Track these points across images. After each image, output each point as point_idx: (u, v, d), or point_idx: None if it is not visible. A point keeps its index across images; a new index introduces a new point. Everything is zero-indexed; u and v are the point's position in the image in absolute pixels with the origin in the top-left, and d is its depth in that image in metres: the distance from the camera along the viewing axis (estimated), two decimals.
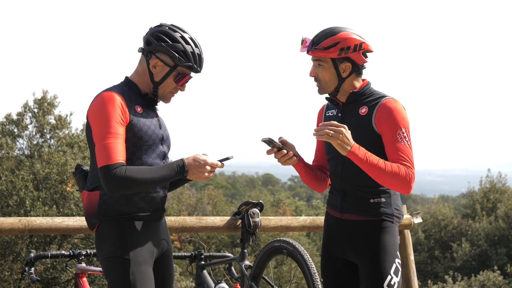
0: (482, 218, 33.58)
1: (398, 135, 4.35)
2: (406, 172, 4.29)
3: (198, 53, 4.24)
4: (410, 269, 6.99)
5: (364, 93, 4.56)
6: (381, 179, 4.29)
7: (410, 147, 4.38)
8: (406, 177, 4.29)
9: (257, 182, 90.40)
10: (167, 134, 4.35)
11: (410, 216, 6.94)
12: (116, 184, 3.92)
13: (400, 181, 4.29)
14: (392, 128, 4.37)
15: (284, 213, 40.78)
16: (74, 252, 5.91)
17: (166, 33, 4.19)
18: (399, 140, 4.35)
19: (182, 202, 38.26)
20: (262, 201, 6.19)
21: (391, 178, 4.28)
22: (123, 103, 4.05)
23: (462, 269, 30.56)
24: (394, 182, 4.29)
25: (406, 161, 4.32)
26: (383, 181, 4.31)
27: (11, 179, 20.80)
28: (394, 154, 4.34)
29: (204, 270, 6.18)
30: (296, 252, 5.29)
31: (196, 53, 4.22)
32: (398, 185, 4.31)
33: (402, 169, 4.29)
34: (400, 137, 4.35)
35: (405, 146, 4.35)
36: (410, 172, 4.30)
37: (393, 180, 4.28)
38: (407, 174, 4.29)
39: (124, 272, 4.03)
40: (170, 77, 4.21)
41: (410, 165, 4.33)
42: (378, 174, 4.27)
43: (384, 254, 4.45)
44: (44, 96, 22.76)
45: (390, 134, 4.37)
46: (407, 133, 4.38)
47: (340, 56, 4.46)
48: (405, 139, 4.36)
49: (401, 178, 4.28)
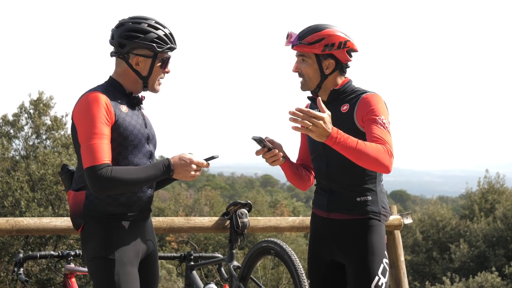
0: (480, 219, 33.58)
1: (378, 122, 4.32)
2: (385, 149, 4.21)
3: (169, 32, 4.26)
4: (400, 269, 6.95)
5: (345, 91, 4.54)
6: (360, 158, 4.19)
7: (389, 132, 4.33)
8: (385, 153, 4.20)
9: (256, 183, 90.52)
10: (153, 133, 4.33)
11: (400, 217, 6.90)
12: (102, 185, 3.92)
13: (379, 158, 4.19)
14: (371, 117, 4.34)
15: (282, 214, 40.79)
16: (63, 252, 5.91)
17: (134, 29, 4.17)
18: (378, 126, 4.31)
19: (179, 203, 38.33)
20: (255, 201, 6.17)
21: (372, 157, 4.17)
22: (108, 103, 4.04)
23: (460, 270, 30.57)
24: (375, 161, 4.19)
25: (385, 142, 4.25)
26: (364, 161, 4.21)
27: (6, 180, 20.82)
28: (373, 138, 4.27)
29: (193, 270, 6.17)
30: (284, 253, 5.27)
31: (167, 33, 4.24)
32: (377, 162, 4.20)
33: (380, 146, 4.21)
34: (380, 123, 4.32)
35: (384, 131, 4.30)
36: (388, 149, 4.23)
37: (374, 159, 4.18)
38: (386, 150, 4.21)
39: (109, 272, 4.02)
40: (156, 66, 4.22)
41: (389, 146, 4.25)
42: (359, 155, 4.17)
43: (371, 255, 4.43)
44: (40, 97, 22.81)
45: (369, 122, 4.34)
46: (386, 120, 4.36)
47: (324, 52, 4.45)
48: (384, 125, 4.32)
49: (380, 155, 4.18)
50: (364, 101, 4.42)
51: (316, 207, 4.70)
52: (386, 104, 4.48)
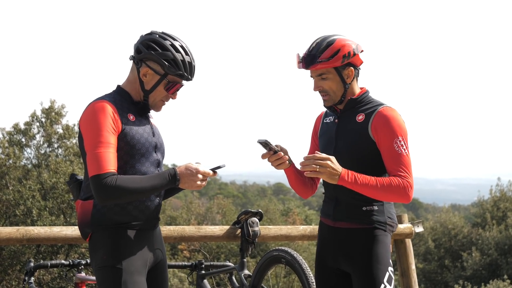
0: (492, 227, 33.44)
1: (395, 144, 4.35)
2: (400, 183, 4.29)
3: (189, 61, 4.21)
4: (411, 278, 6.94)
5: (362, 101, 4.55)
6: (376, 196, 4.32)
7: (407, 155, 4.38)
8: (401, 188, 4.29)
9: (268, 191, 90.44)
10: (161, 142, 4.32)
11: (411, 225, 6.90)
12: (106, 193, 3.91)
13: (396, 194, 4.30)
14: (389, 137, 4.37)
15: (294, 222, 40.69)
16: (74, 261, 5.91)
17: (156, 41, 4.16)
18: (396, 149, 4.35)
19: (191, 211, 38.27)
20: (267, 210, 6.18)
21: (386, 193, 4.29)
22: (114, 112, 4.04)
23: (472, 278, 30.45)
24: (389, 195, 4.32)
25: (402, 171, 4.33)
26: (379, 197, 4.34)
27: (18, 188, 20.86)
28: (391, 163, 4.35)
29: (204, 279, 6.17)
30: (294, 262, 5.29)
31: (186, 61, 4.19)
32: (395, 197, 4.33)
33: (395, 180, 4.29)
34: (397, 145, 4.35)
35: (402, 154, 4.35)
36: (405, 181, 4.30)
37: (388, 194, 4.30)
38: (402, 184, 4.29)
39: (116, 281, 4.00)
40: (161, 85, 4.18)
41: (407, 173, 4.33)
42: (372, 192, 4.29)
43: (376, 263, 4.43)
44: (51, 106, 22.89)
45: (387, 142, 4.37)
46: (404, 141, 4.38)
47: (343, 63, 4.45)
48: (402, 148, 4.36)
49: (396, 190, 4.28)
50: (381, 115, 4.42)
51: (323, 216, 4.71)
52: (403, 120, 4.49)
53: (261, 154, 4.41)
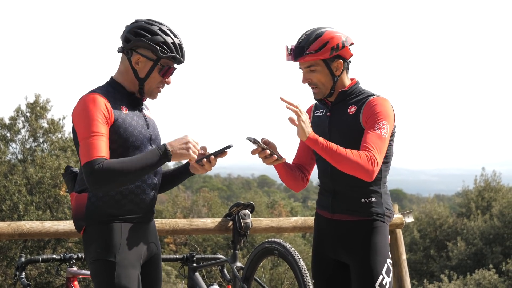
0: (477, 217, 33.64)
1: (377, 125, 4.33)
2: (368, 156, 4.22)
3: (179, 43, 4.20)
4: (402, 268, 6.95)
5: (353, 92, 4.55)
6: (342, 163, 4.23)
7: (384, 138, 4.32)
8: (367, 161, 4.21)
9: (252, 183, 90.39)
10: (156, 134, 4.28)
11: (401, 216, 6.91)
12: (96, 178, 3.85)
13: (361, 165, 4.21)
14: (372, 122, 4.35)
15: (279, 214, 40.76)
16: (65, 256, 5.89)
17: (144, 28, 4.15)
18: (375, 129, 4.32)
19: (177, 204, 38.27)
20: (253, 202, 6.18)
21: (352, 162, 4.20)
22: (106, 104, 4.01)
23: (457, 268, 30.59)
24: (355, 166, 4.21)
25: (372, 147, 4.26)
26: (343, 166, 4.24)
27: (4, 183, 20.79)
28: (365, 139, 4.30)
29: (196, 272, 6.16)
30: (287, 253, 5.28)
31: (176, 43, 4.18)
32: (358, 168, 4.23)
33: (363, 154, 4.23)
34: (379, 127, 4.33)
35: (379, 135, 4.31)
36: (371, 155, 4.23)
37: (354, 164, 4.21)
38: (369, 157, 4.22)
39: (109, 274, 3.99)
40: (155, 71, 4.16)
41: (376, 150, 4.26)
42: (339, 159, 4.21)
43: (375, 255, 4.45)
44: (36, 100, 22.78)
45: (368, 127, 4.36)
46: (386, 126, 4.35)
47: (332, 55, 4.44)
48: (382, 130, 4.32)
49: (362, 162, 4.20)
50: (370, 104, 4.42)
51: (320, 208, 4.70)
52: (393, 108, 4.48)
53: (250, 150, 4.35)
